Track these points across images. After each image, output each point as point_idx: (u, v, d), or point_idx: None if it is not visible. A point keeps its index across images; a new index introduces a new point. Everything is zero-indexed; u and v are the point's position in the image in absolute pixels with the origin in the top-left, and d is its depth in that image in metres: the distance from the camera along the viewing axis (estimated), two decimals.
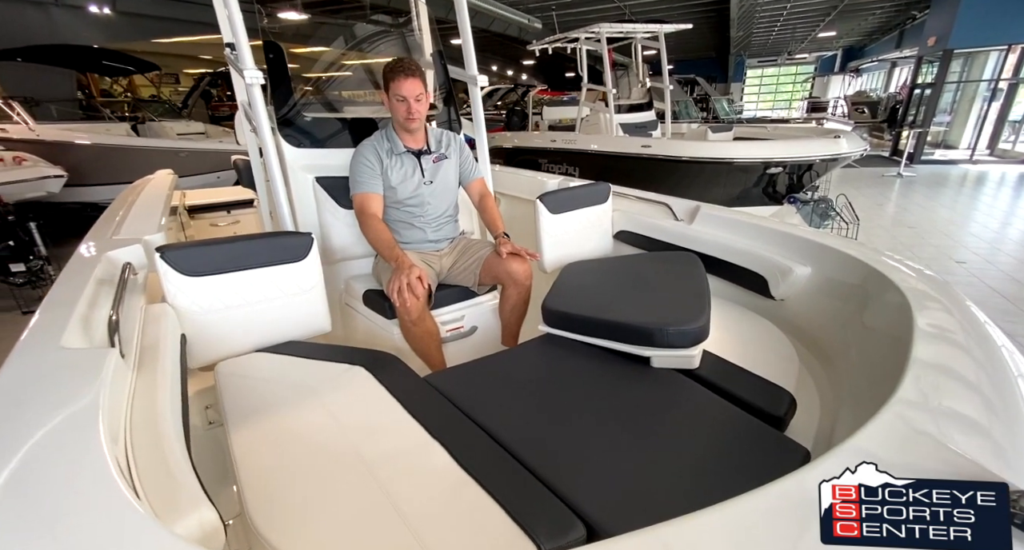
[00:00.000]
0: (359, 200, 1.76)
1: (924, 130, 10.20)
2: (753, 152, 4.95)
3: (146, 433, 0.76)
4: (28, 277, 4.11)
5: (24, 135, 5.67)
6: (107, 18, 9.43)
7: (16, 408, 0.72)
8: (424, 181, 1.83)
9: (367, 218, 1.74)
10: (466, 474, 0.90)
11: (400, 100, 1.69)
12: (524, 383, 1.27)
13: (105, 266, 1.30)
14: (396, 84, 1.66)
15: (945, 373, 0.84)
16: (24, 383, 0.79)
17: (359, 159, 1.77)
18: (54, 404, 0.71)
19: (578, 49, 6.12)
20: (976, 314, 1.06)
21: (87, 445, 0.62)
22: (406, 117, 1.71)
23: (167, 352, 1.06)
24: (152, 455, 0.71)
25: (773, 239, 1.65)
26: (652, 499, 0.84)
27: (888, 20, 17.41)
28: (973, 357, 0.88)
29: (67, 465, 0.60)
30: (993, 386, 0.81)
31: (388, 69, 1.69)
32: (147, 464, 0.69)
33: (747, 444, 0.98)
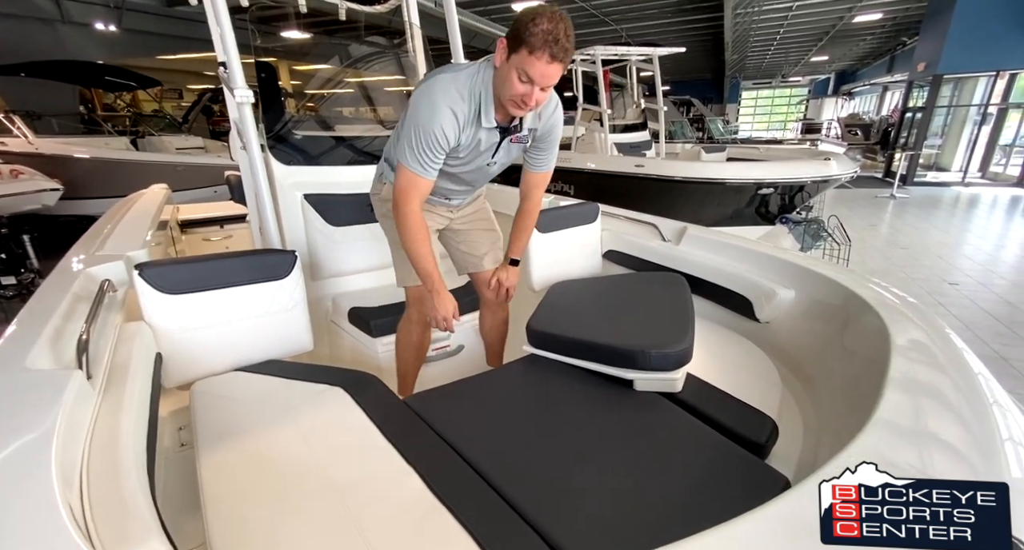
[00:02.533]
0: (407, 179, 1.31)
1: (916, 152, 10.37)
2: (745, 173, 5.02)
3: (104, 460, 0.73)
4: (18, 290, 4.09)
5: (23, 148, 5.71)
6: (113, 35, 9.61)
7: None
8: (490, 161, 1.45)
9: (410, 210, 1.33)
10: (439, 502, 0.88)
11: (525, 80, 1.18)
12: (505, 406, 1.25)
13: (83, 282, 1.29)
14: (534, 60, 1.15)
15: (922, 396, 0.83)
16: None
17: (433, 128, 1.24)
18: (4, 433, 0.69)
19: (574, 70, 6.24)
20: (953, 339, 1.06)
21: (35, 480, 0.60)
22: (519, 103, 1.23)
23: (138, 372, 1.04)
24: (107, 483, 0.68)
25: (758, 261, 1.65)
26: (627, 530, 0.82)
27: (879, 46, 17.87)
28: (950, 380, 0.88)
29: (12, 499, 0.58)
30: (969, 409, 0.81)
31: (532, 32, 1.12)
32: (101, 493, 0.66)
33: (727, 472, 0.96)
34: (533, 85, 1.19)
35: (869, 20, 12.93)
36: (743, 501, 0.66)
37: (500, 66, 1.23)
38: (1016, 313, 3.99)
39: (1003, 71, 9.91)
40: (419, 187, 1.33)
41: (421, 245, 1.37)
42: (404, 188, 1.33)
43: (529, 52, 1.14)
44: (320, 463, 1.01)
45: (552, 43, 1.13)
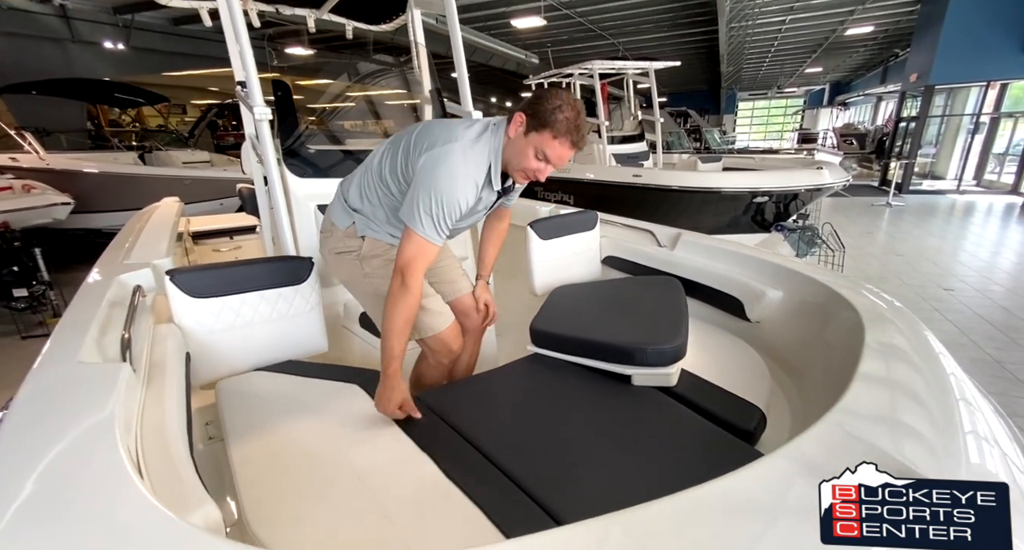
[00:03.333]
0: (418, 246, 1.24)
1: (911, 161, 10.52)
2: (740, 182, 5.13)
3: (155, 441, 0.82)
4: (30, 302, 4.16)
5: (34, 164, 5.84)
6: (121, 53, 9.85)
7: (43, 416, 0.79)
8: (478, 215, 1.47)
9: (416, 281, 1.24)
10: (451, 482, 0.96)
11: (542, 158, 1.26)
12: (510, 399, 1.34)
13: (116, 289, 1.38)
14: (556, 144, 1.23)
15: (886, 382, 0.91)
16: (48, 393, 0.86)
17: (457, 198, 1.23)
18: (75, 413, 0.78)
19: (572, 83, 6.41)
20: (926, 335, 1.14)
21: (107, 450, 0.68)
22: (530, 175, 1.31)
23: (173, 369, 1.12)
24: (161, 460, 0.77)
25: (748, 264, 1.74)
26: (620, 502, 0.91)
27: (872, 57, 18.19)
28: (915, 369, 0.96)
29: (91, 469, 0.66)
30: (934, 398, 0.88)
31: (557, 119, 1.21)
32: (156, 468, 0.75)
33: (715, 456, 1.04)
34: (548, 163, 1.27)
35: (861, 33, 13.22)
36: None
37: (515, 138, 1.27)
38: (1011, 318, 4.05)
39: (994, 81, 10.10)
40: (429, 255, 1.26)
41: (409, 323, 1.26)
42: (414, 256, 1.23)
43: (553, 136, 1.22)
44: (341, 451, 1.09)
45: (574, 131, 1.23)
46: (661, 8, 10.57)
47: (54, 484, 0.63)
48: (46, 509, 0.60)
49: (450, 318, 1.50)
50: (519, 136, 1.27)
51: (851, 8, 11.01)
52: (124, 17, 9.48)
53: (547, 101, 1.22)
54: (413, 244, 1.24)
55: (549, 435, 1.15)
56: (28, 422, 0.77)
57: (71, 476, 0.65)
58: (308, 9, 2.85)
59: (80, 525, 0.58)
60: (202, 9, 2.56)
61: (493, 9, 9.81)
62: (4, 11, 8.26)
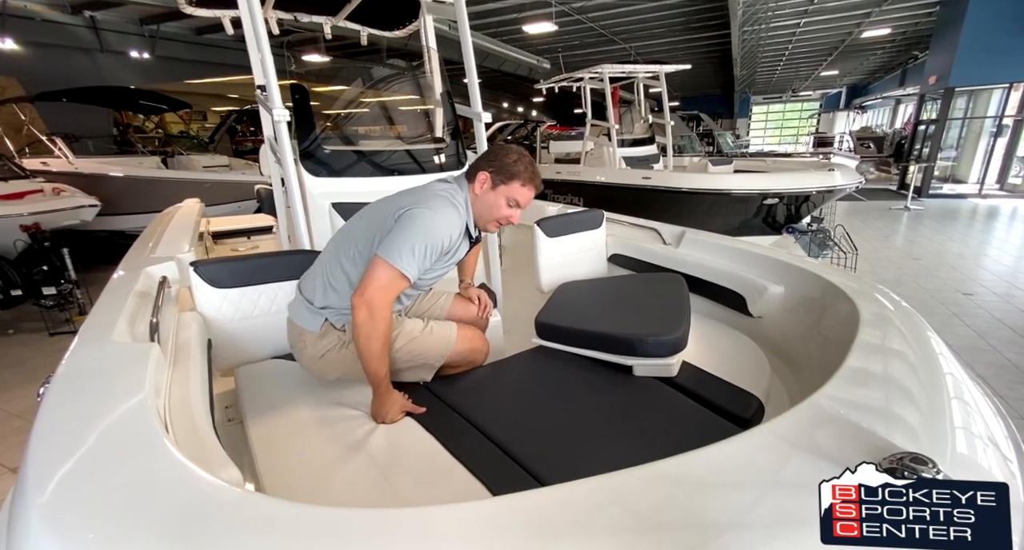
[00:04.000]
0: (391, 276, 1.24)
1: (931, 164, 10.33)
2: (750, 183, 5.12)
3: (182, 414, 0.89)
4: (58, 300, 4.33)
5: (64, 168, 6.08)
6: (146, 62, 10.20)
7: (81, 388, 0.87)
8: (449, 269, 1.52)
9: (387, 307, 1.25)
10: (454, 458, 1.03)
11: (513, 205, 1.40)
12: (515, 388, 1.39)
13: (144, 279, 1.47)
14: (525, 190, 1.39)
15: (873, 373, 0.93)
16: (85, 368, 0.94)
17: (443, 231, 1.30)
18: (110, 385, 0.85)
19: (583, 88, 6.46)
20: (928, 334, 1.14)
21: (142, 416, 0.76)
22: (503, 222, 1.44)
23: (196, 353, 1.20)
24: (187, 431, 0.84)
25: (750, 260, 1.77)
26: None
27: (890, 60, 17.93)
28: (907, 362, 0.98)
29: (128, 433, 0.73)
30: (922, 388, 0.90)
31: (519, 170, 1.37)
32: (184, 437, 0.81)
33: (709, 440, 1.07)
34: (518, 208, 1.43)
35: (878, 35, 13.04)
36: None
37: (482, 194, 1.41)
38: None
39: (1017, 83, 9.89)
40: (398, 288, 1.27)
41: (386, 346, 1.27)
42: (385, 287, 1.23)
43: (522, 184, 1.39)
44: (352, 432, 1.15)
45: (535, 176, 1.42)
46: (673, 12, 10.59)
47: (97, 445, 0.70)
48: (91, 466, 0.67)
49: (453, 328, 1.49)
50: (486, 191, 1.41)
51: (867, 10, 10.90)
52: (150, 27, 9.83)
53: (506, 156, 1.40)
54: (385, 274, 1.23)
55: (547, 418, 1.19)
56: (69, 392, 0.85)
57: (110, 439, 0.72)
58: (325, 16, 2.96)
59: (119, 480, 0.65)
60: (225, 18, 2.67)
61: (505, 15, 9.94)
62: (39, 23, 8.64)
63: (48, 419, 0.77)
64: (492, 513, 0.62)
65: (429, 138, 2.55)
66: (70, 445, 0.70)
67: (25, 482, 0.64)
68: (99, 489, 0.63)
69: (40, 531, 0.56)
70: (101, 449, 0.69)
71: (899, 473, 0.61)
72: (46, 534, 0.56)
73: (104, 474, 0.65)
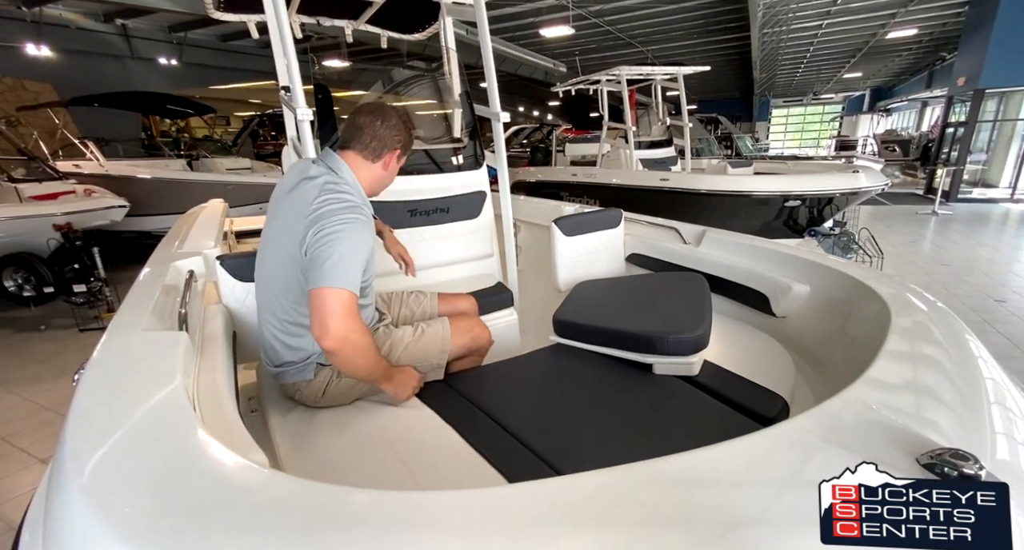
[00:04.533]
0: (342, 299, 1.12)
1: (960, 168, 10.04)
2: (770, 185, 5.03)
3: (209, 400, 0.91)
4: (87, 297, 4.47)
5: (95, 170, 6.30)
6: (174, 68, 10.53)
7: (115, 373, 0.90)
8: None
9: (359, 333, 1.14)
10: (472, 449, 1.04)
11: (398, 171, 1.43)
12: (532, 383, 1.38)
13: (172, 273, 1.51)
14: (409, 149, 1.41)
15: (910, 364, 0.91)
16: (118, 353, 0.97)
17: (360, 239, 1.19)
18: (142, 370, 0.88)
19: (600, 90, 6.45)
20: (966, 337, 1.09)
21: (176, 402, 0.78)
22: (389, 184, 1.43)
23: (222, 344, 1.22)
24: (215, 415, 0.86)
25: (774, 259, 1.74)
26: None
27: (916, 61, 17.50)
28: (944, 352, 0.95)
29: (160, 415, 0.76)
30: (958, 389, 0.86)
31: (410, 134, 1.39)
32: (211, 421, 0.83)
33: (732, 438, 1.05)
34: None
35: (904, 36, 12.74)
36: None
37: (392, 168, 1.39)
38: None
39: None
40: (355, 305, 1.15)
41: (377, 354, 1.20)
42: (345, 310, 1.11)
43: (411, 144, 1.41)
44: (372, 423, 1.16)
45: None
46: (691, 15, 10.51)
47: (130, 427, 0.73)
48: (126, 446, 0.69)
49: (446, 323, 1.46)
50: (394, 166, 1.40)
51: (892, 11, 10.66)
52: (178, 34, 10.15)
53: (407, 130, 1.38)
54: (335, 299, 1.10)
55: (565, 413, 1.19)
56: (103, 377, 0.88)
57: (144, 421, 0.74)
58: (346, 20, 3.01)
59: (154, 459, 0.67)
60: (250, 22, 2.74)
61: (522, 19, 9.99)
62: (73, 31, 8.99)
63: (83, 403, 0.80)
64: (508, 499, 0.62)
65: (448, 138, 2.57)
66: (105, 426, 0.72)
67: (63, 460, 0.66)
68: (134, 467, 0.65)
69: (79, 507, 0.58)
70: (135, 430, 0.71)
71: (939, 469, 0.60)
72: (85, 509, 0.57)
73: (139, 453, 0.67)
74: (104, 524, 0.55)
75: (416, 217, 2.15)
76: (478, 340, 1.51)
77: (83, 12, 8.88)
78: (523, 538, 0.55)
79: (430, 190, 2.19)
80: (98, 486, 0.61)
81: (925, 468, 0.61)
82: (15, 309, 4.77)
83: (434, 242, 2.19)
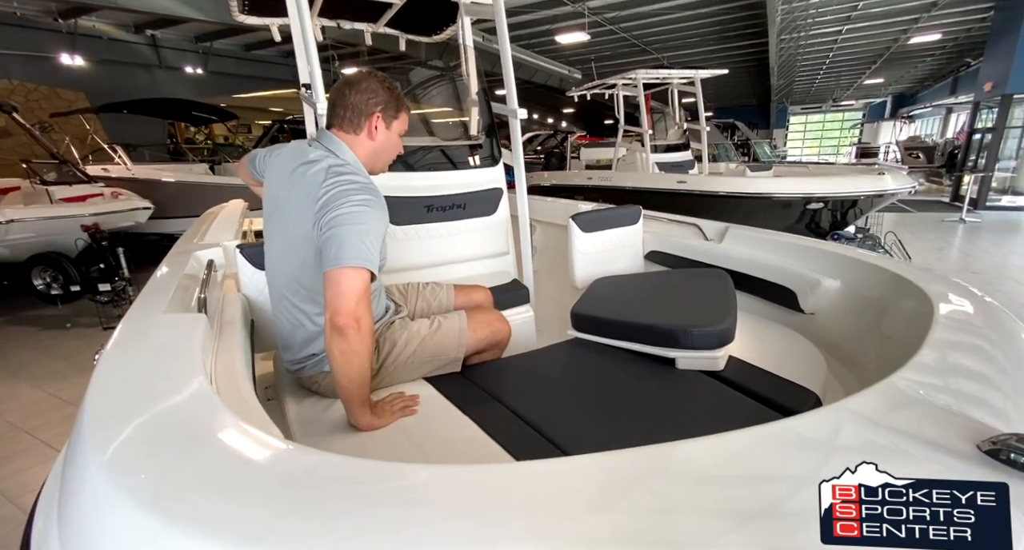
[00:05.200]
0: (358, 279, 1.06)
1: (988, 175, 9.76)
2: (792, 187, 4.93)
3: (227, 381, 0.90)
4: (111, 296, 4.58)
5: (122, 174, 6.49)
6: (200, 77, 10.85)
7: (136, 351, 0.91)
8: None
9: (367, 321, 1.06)
10: (487, 436, 1.01)
11: (402, 137, 1.35)
12: (550, 376, 1.35)
13: (193, 262, 1.53)
14: (406, 117, 1.33)
15: (958, 353, 0.86)
16: (139, 334, 0.99)
17: (377, 217, 1.15)
18: (162, 349, 0.89)
19: (616, 95, 6.43)
20: (1008, 317, 1.06)
21: (194, 377, 0.78)
22: (392, 159, 1.37)
23: (240, 330, 1.22)
24: (233, 394, 0.85)
25: (801, 254, 1.68)
26: None
27: (940, 67, 17.15)
28: (993, 345, 0.90)
29: (182, 390, 0.76)
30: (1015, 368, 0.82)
31: (398, 95, 1.29)
32: (229, 400, 0.82)
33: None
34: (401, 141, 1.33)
35: (927, 41, 12.48)
36: None
37: (380, 137, 1.27)
38: None
39: None
40: (369, 287, 1.09)
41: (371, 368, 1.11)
42: (361, 293, 1.04)
43: (406, 112, 1.30)
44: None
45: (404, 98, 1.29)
46: (708, 21, 10.48)
47: (149, 399, 0.73)
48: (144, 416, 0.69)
49: (463, 317, 1.39)
50: (383, 132, 1.28)
51: (915, 16, 10.49)
52: (204, 44, 10.47)
53: (386, 90, 1.26)
54: (349, 280, 1.04)
55: (586, 406, 1.16)
56: (124, 354, 0.89)
57: (163, 394, 0.74)
58: (366, 23, 3.05)
59: (173, 428, 0.67)
60: (273, 25, 2.80)
61: (538, 26, 10.07)
62: (105, 42, 9.35)
63: (104, 378, 0.80)
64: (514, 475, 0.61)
65: (465, 135, 2.58)
66: (124, 401, 0.73)
67: (82, 431, 0.66)
68: (154, 438, 0.65)
69: (97, 475, 0.58)
70: (154, 404, 0.71)
71: (1003, 454, 0.57)
72: (103, 477, 0.57)
73: (159, 426, 0.67)
74: (124, 492, 0.54)
75: (433, 213, 2.15)
76: (499, 334, 1.46)
77: (115, 23, 9.23)
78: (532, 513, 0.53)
79: (447, 186, 2.19)
80: (118, 455, 0.60)
81: (988, 454, 0.57)
82: (43, 307, 4.90)
83: (450, 238, 2.19)
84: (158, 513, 0.51)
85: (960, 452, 0.58)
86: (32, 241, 4.68)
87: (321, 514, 0.51)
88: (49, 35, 8.56)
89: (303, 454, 0.62)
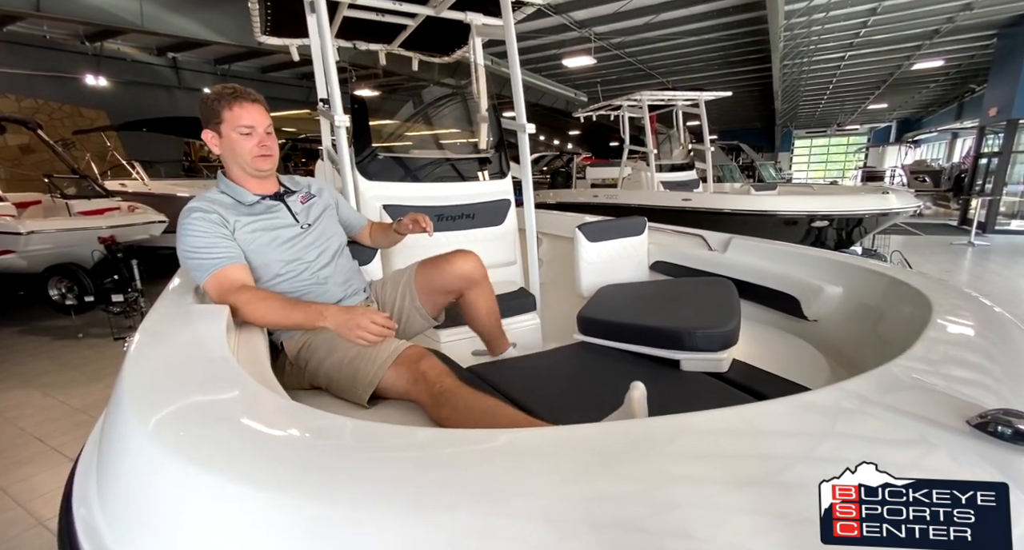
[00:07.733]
0: (216, 283, 1.20)
1: (996, 198, 9.76)
2: (797, 204, 4.96)
3: (248, 361, 0.95)
4: (123, 307, 4.65)
5: (139, 189, 6.68)
6: None
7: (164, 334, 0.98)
8: (300, 224, 1.41)
9: (238, 294, 1.18)
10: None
11: (245, 133, 1.29)
12: (556, 375, 1.37)
13: None
14: (235, 112, 1.27)
15: (953, 344, 0.88)
16: (167, 320, 1.07)
17: (191, 233, 1.25)
18: (190, 331, 0.96)
19: (621, 116, 6.57)
20: (1002, 317, 1.07)
21: (222, 354, 0.84)
22: (258, 153, 1.31)
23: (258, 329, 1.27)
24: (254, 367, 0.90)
25: (804, 262, 1.71)
26: None
27: (945, 93, 17.31)
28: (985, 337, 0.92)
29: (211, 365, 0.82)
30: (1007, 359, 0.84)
31: (216, 98, 1.28)
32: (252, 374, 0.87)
33: None
34: (255, 131, 1.30)
35: (930, 67, 12.65)
36: None
37: (223, 148, 1.32)
38: None
39: None
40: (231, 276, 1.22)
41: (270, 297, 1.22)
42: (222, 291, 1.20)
43: (224, 108, 1.28)
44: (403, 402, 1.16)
45: (234, 93, 1.29)
46: (712, 46, 10.73)
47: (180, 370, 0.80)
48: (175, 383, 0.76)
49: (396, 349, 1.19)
50: (222, 143, 1.32)
51: (918, 43, 10.68)
52: (222, 66, 10.87)
53: (203, 103, 1.32)
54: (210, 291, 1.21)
55: (586, 400, 1.18)
56: (154, 337, 0.96)
57: (192, 368, 0.81)
58: (381, 44, 3.19)
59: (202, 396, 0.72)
60: (292, 46, 2.93)
61: (546, 51, 10.36)
62: (128, 63, 9.74)
63: (139, 353, 0.86)
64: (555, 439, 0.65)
65: (475, 149, 2.66)
66: (159, 370, 0.79)
67: (120, 397, 0.72)
68: (181, 399, 0.70)
69: (139, 435, 0.62)
70: (186, 375, 0.78)
71: (991, 427, 0.58)
72: (145, 438, 0.61)
73: (185, 389, 0.73)
74: (167, 450, 0.59)
75: (443, 221, 2.21)
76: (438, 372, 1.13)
77: (139, 46, 9.63)
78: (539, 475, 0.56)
79: (457, 197, 2.26)
80: (159, 420, 0.65)
81: (976, 428, 0.59)
82: (57, 318, 4.98)
83: (459, 246, 2.23)
84: (199, 465, 0.56)
85: (951, 427, 0.60)
86: (50, 252, 4.80)
87: (339, 465, 0.57)
88: (75, 57, 8.94)
89: (320, 417, 0.68)
